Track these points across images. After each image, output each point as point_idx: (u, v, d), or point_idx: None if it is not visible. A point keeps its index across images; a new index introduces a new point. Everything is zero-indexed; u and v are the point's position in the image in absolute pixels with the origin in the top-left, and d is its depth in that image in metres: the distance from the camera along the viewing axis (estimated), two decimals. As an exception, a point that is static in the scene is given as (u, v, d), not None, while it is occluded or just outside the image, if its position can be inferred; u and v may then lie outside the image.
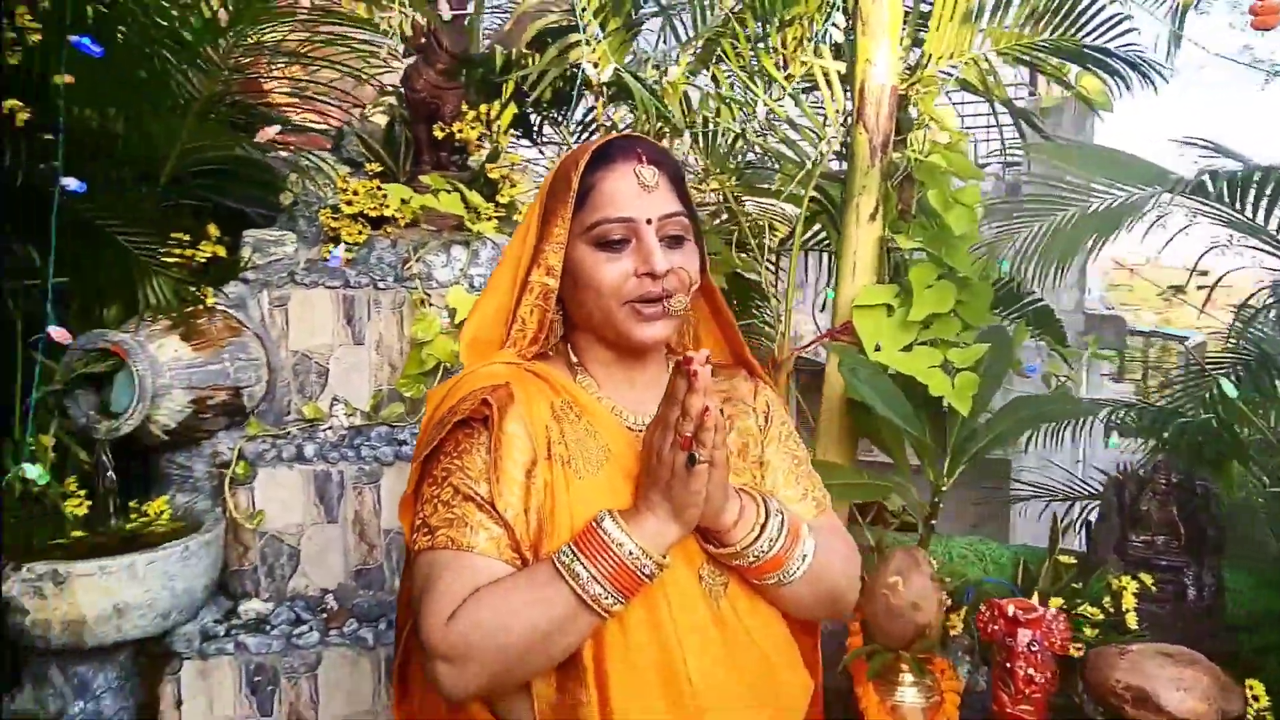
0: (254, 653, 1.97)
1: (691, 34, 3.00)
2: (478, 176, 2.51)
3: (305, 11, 2.45)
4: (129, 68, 1.96)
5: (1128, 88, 2.39)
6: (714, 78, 2.80)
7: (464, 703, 1.07)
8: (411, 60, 2.48)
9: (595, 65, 2.52)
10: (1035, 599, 2.15)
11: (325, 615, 2.07)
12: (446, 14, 2.10)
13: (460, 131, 2.45)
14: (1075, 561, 2.40)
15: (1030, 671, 1.96)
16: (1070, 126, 5.50)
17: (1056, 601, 2.32)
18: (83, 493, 1.95)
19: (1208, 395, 2.81)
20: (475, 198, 2.32)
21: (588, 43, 2.56)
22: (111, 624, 1.80)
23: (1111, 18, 2.27)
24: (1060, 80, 2.58)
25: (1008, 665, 1.99)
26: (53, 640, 1.78)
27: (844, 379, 2.30)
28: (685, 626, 1.08)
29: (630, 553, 1.01)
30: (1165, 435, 2.47)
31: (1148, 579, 2.29)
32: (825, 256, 3.32)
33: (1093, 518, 2.66)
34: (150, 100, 2.03)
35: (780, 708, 1.16)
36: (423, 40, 2.44)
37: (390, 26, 2.45)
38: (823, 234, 3.04)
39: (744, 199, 2.99)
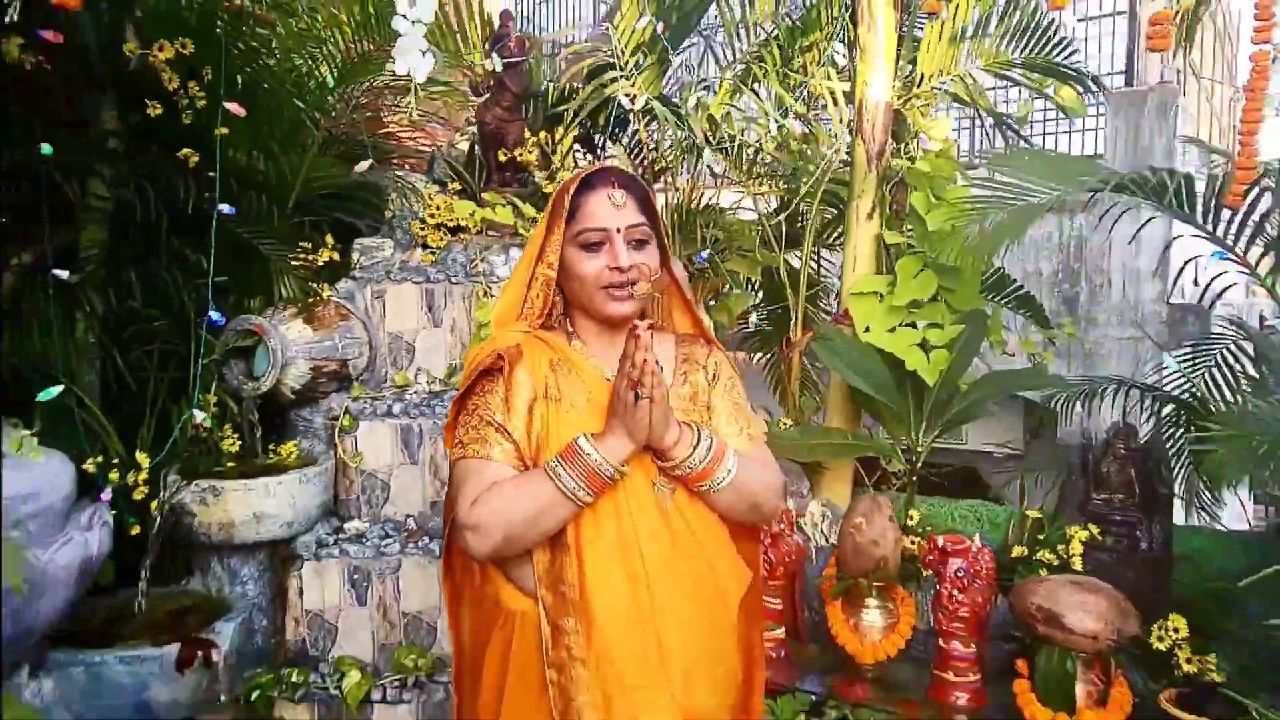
0: (354, 558, 2.62)
1: (728, 58, 3.48)
2: (536, 191, 3.08)
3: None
4: (268, 121, 2.64)
5: (1093, 95, 2.69)
6: (753, 93, 3.26)
7: (484, 564, 1.58)
8: (483, 99, 3.08)
9: (631, 97, 3.04)
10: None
11: (406, 534, 2.70)
12: (498, 65, 2.66)
13: (520, 156, 3.03)
14: (1041, 516, 2.76)
15: (955, 593, 2.35)
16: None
17: (1019, 550, 2.69)
18: (235, 435, 2.65)
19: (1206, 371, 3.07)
20: (528, 209, 2.90)
21: (626, 77, 3.09)
22: (252, 528, 2.49)
23: (1061, 40, 2.58)
24: (1039, 91, 2.90)
25: (941, 590, 2.39)
26: (212, 537, 2.48)
27: (819, 355, 2.74)
28: (640, 518, 1.52)
29: (596, 461, 1.46)
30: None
31: (1095, 530, 2.61)
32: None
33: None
34: (282, 144, 2.71)
35: (715, 586, 1.57)
36: (490, 83, 3.04)
37: (468, 74, 3.05)
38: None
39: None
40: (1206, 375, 3.02)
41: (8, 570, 1.69)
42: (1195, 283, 3.79)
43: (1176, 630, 2.30)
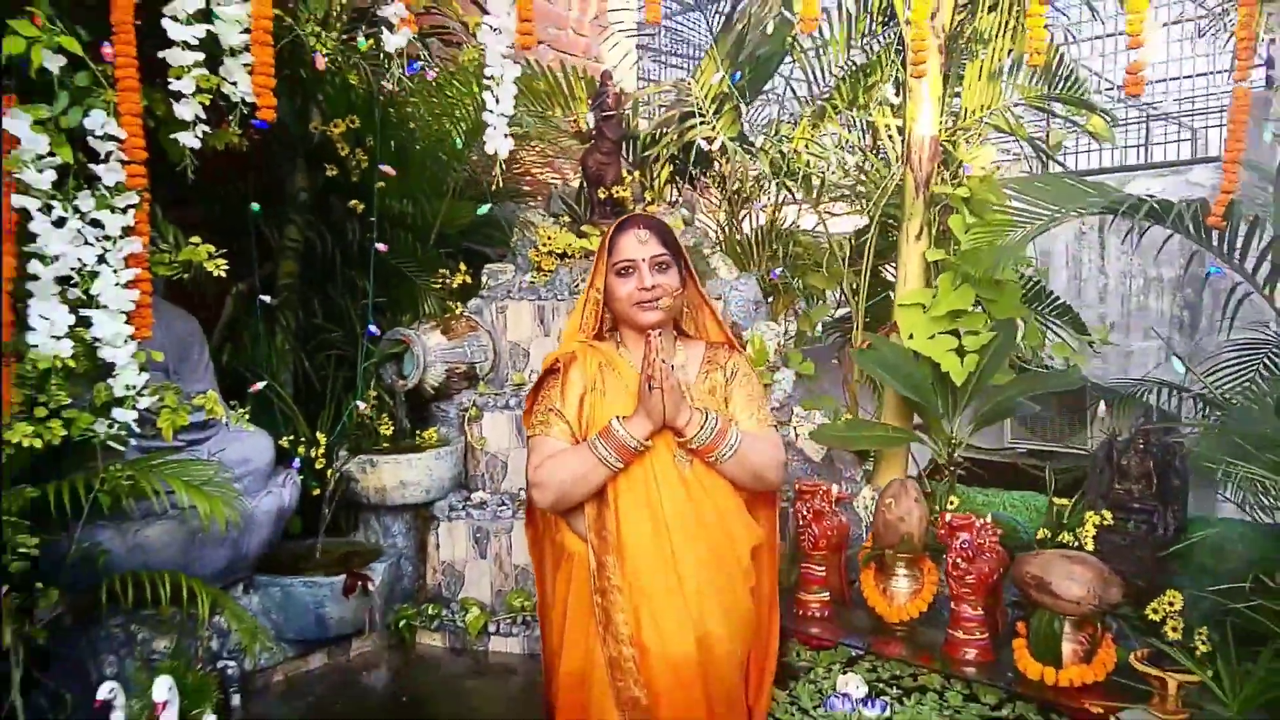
0: (477, 520, 3.30)
1: (804, 99, 3.96)
2: (631, 222, 3.67)
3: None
4: (413, 175, 3.38)
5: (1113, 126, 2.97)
6: (818, 130, 3.74)
7: (552, 517, 2.14)
8: (587, 145, 3.71)
9: (709, 140, 3.58)
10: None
11: (518, 503, 3.35)
12: (590, 121, 3.27)
13: (617, 193, 3.63)
14: (1068, 504, 3.08)
15: (961, 562, 2.74)
16: None
17: (1043, 532, 3.03)
18: (389, 421, 3.39)
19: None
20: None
21: (705, 122, 3.63)
22: (399, 492, 3.21)
23: (1073, 78, 2.89)
24: (1072, 121, 3.21)
25: (949, 560, 2.78)
26: (369, 499, 3.22)
27: (857, 361, 3.17)
28: (663, 482, 2.07)
29: (623, 436, 2.03)
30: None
31: (1109, 515, 2.92)
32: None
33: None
34: (425, 193, 3.45)
35: (725, 534, 2.11)
36: (593, 131, 3.65)
37: (574, 125, 3.69)
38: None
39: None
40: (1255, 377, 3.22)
41: (225, 514, 2.43)
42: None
43: (1171, 604, 2.60)
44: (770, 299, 3.92)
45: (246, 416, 2.73)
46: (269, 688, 2.86)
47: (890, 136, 3.50)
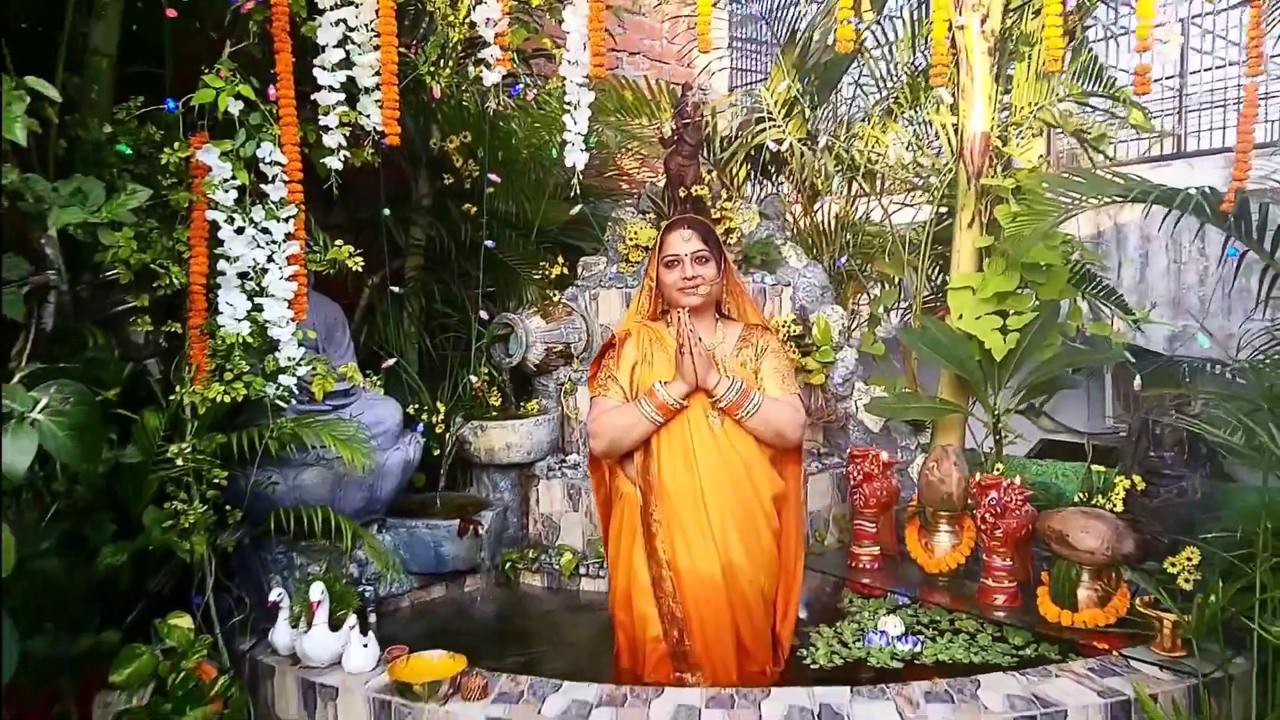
0: (571, 479, 3.81)
1: (874, 99, 4.28)
2: (708, 217, 4.10)
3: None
4: (517, 180, 3.92)
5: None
6: (882, 130, 4.07)
7: (609, 464, 2.67)
8: (669, 149, 4.15)
9: (778, 142, 3.97)
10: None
11: (607, 464, 3.84)
12: (668, 131, 3.72)
13: (696, 192, 4.06)
14: (1105, 471, 3.33)
15: (989, 517, 3.05)
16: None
17: (1080, 495, 3.30)
18: (498, 392, 3.94)
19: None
20: (695, 232, 3.92)
21: (775, 125, 4.02)
22: (504, 453, 3.76)
23: (1105, 75, 3.12)
24: (1115, 115, 3.43)
25: (978, 516, 3.11)
26: (480, 458, 3.78)
27: (902, 340, 3.50)
28: (696, 436, 2.57)
29: (663, 395, 2.55)
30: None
31: (1139, 480, 3.17)
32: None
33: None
34: (527, 195, 3.98)
35: (749, 480, 2.57)
36: (675, 137, 4.09)
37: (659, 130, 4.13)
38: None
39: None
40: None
41: (363, 462, 3.01)
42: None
43: (1189, 559, 2.85)
44: (840, 286, 4.27)
45: (380, 385, 3.31)
46: (398, 611, 3.46)
47: (947, 134, 3.79)
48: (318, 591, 2.59)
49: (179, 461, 2.56)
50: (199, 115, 2.67)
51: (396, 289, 3.89)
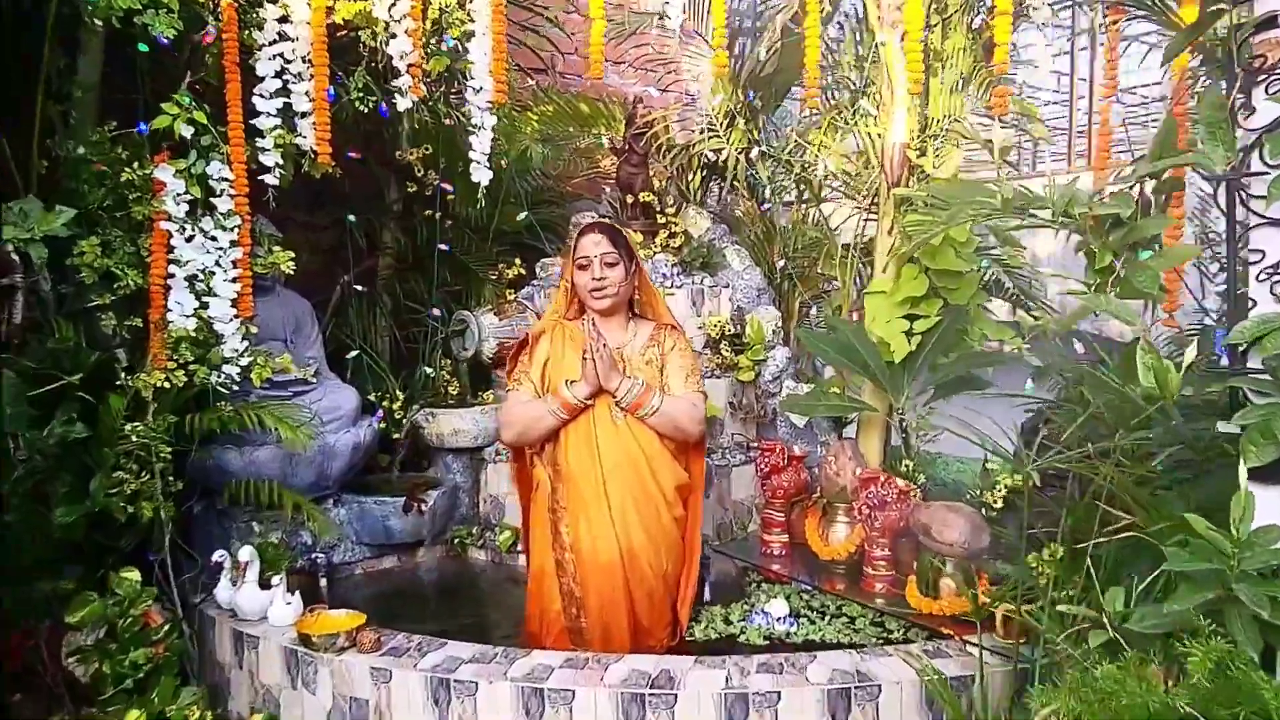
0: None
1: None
2: (654, 223, 4.38)
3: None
4: (474, 188, 4.27)
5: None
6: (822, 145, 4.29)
7: (525, 453, 2.98)
8: (621, 158, 4.44)
9: (717, 152, 4.22)
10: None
11: (549, 451, 4.17)
12: (619, 142, 4.02)
13: (643, 198, 4.35)
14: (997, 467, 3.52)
15: (867, 509, 3.28)
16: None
17: (972, 493, 3.49)
18: (455, 382, 4.31)
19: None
20: (636, 236, 4.21)
21: (716, 136, 4.27)
22: (453, 438, 4.12)
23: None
24: (1020, 128, 3.59)
25: (859, 508, 3.33)
26: (433, 442, 4.16)
27: (802, 340, 3.72)
28: (600, 429, 2.86)
29: (567, 395, 2.84)
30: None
31: (1018, 479, 3.34)
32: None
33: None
34: (490, 201, 4.32)
35: (649, 470, 2.85)
36: (625, 146, 4.38)
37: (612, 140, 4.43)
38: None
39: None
40: None
41: (304, 443, 3.40)
42: None
43: (1052, 555, 3.02)
44: (784, 287, 4.49)
45: (314, 372, 3.72)
46: (350, 578, 3.85)
47: (871, 145, 3.98)
48: (246, 554, 2.99)
49: (133, 438, 2.97)
50: (163, 137, 3.08)
51: (360, 287, 4.29)
